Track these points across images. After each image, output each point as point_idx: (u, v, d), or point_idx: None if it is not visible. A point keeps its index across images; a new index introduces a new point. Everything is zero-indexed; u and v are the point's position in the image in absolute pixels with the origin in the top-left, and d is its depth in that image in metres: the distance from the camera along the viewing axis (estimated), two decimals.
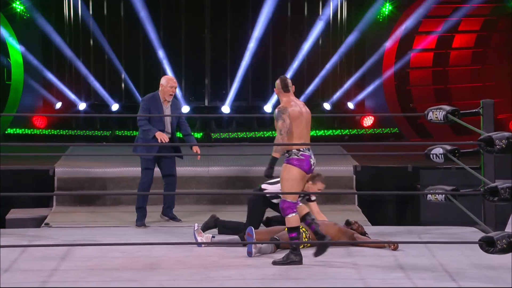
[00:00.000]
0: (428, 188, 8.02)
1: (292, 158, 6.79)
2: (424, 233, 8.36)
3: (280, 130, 6.76)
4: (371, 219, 9.69)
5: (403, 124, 15.23)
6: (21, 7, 14.62)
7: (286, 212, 6.83)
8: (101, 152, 11.83)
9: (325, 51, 15.20)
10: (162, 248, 7.41)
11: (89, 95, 15.09)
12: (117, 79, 15.10)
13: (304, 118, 6.83)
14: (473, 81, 15.68)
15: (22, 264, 6.79)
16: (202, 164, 10.84)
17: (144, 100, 8.98)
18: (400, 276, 6.47)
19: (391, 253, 7.32)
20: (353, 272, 6.59)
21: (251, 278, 6.41)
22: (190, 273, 6.54)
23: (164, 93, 8.87)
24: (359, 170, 11.00)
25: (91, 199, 10.43)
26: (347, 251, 7.38)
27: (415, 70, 15.59)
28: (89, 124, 14.94)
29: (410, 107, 15.42)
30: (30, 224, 9.63)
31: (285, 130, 6.74)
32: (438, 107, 7.70)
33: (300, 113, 6.83)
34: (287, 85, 6.90)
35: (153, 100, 8.90)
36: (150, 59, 15.05)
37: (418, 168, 10.70)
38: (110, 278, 6.38)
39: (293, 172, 6.77)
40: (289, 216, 6.82)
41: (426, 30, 15.44)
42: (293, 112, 6.79)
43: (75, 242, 7.88)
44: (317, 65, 15.23)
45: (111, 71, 15.06)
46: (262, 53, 15.13)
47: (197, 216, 9.46)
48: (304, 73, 15.26)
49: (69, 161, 11.22)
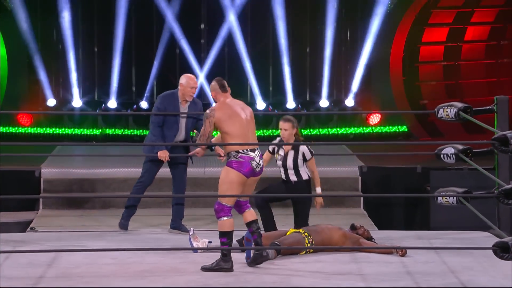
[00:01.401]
0: (438, 190, 8.03)
1: (231, 160, 6.94)
2: (434, 238, 8.36)
3: (200, 136, 7.01)
4: (377, 223, 9.70)
5: (412, 122, 15.23)
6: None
7: (219, 214, 6.92)
8: (90, 152, 11.85)
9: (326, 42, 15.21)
10: (156, 254, 7.41)
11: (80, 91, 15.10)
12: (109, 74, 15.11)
13: (240, 118, 6.98)
14: (487, 76, 15.68)
15: (6, 271, 6.80)
16: (198, 165, 10.85)
17: (160, 97, 8.70)
18: (408, 283, 6.48)
19: (399, 259, 7.33)
20: (358, 280, 6.60)
21: (250, 285, 6.42)
22: (186, 281, 6.55)
23: (184, 94, 8.63)
24: (365, 171, 11.01)
25: (79, 202, 10.44)
26: (352, 257, 7.39)
27: (424, 64, 15.60)
28: (78, 122, 14.94)
29: (420, 104, 15.42)
30: (14, 228, 9.63)
31: (204, 138, 6.98)
32: (449, 104, 7.71)
33: (235, 113, 6.98)
34: (224, 85, 7.08)
35: (171, 99, 8.64)
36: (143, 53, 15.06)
37: (428, 168, 10.71)
38: (100, 286, 6.39)
39: (231, 176, 6.90)
40: (222, 220, 6.90)
41: (436, 22, 15.45)
42: (223, 114, 6.95)
43: (62, 247, 7.89)
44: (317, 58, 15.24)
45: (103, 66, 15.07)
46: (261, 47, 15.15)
47: (192, 220, 9.47)
48: (305, 68, 15.28)
49: (56, 161, 11.24)
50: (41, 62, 14.90)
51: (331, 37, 15.13)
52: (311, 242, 7.44)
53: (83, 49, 15.04)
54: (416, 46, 15.40)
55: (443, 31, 15.53)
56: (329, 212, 10.25)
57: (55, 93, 14.99)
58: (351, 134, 15.03)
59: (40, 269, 6.89)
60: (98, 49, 15.09)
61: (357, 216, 9.93)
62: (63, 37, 14.90)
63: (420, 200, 10.80)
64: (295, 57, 15.23)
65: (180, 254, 7.51)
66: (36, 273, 6.76)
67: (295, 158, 8.14)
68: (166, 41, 15.02)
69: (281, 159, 8.16)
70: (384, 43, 15.08)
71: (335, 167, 10.97)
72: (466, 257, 7.25)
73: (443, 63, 15.67)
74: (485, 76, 15.71)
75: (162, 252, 7.50)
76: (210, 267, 6.87)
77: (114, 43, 15.00)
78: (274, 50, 15.25)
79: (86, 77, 15.06)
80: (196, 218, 9.75)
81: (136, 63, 15.17)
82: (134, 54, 15.17)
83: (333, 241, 7.54)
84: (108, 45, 15.03)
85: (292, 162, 8.15)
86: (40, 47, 14.86)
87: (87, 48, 15.05)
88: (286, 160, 8.15)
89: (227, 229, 6.90)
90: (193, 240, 7.64)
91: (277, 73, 15.20)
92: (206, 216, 9.90)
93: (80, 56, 15.03)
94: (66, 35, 14.91)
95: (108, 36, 14.96)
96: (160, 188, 10.57)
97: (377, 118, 15.11)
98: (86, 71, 15.05)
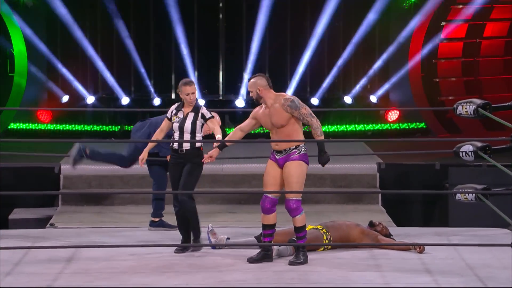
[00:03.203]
0: (457, 187, 7.99)
1: (303, 154, 6.98)
2: (453, 235, 8.33)
3: (310, 113, 6.94)
4: (396, 220, 9.67)
5: (431, 119, 15.17)
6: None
7: (299, 210, 6.93)
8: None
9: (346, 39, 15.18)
10: (174, 250, 7.42)
11: (97, 88, 15.16)
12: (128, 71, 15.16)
13: None
14: (506, 73, 15.59)
15: (26, 267, 6.83)
16: (216, 161, 10.84)
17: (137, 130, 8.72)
18: (426, 280, 6.45)
19: (417, 256, 7.31)
20: (376, 276, 6.58)
21: (268, 282, 6.41)
22: (203, 277, 6.55)
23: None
24: (383, 168, 10.97)
25: (98, 198, 10.47)
26: (370, 254, 7.37)
27: (443, 61, 15.53)
28: (97, 119, 15.00)
29: (438, 101, 15.36)
30: (34, 224, 9.68)
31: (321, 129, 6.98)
32: (468, 100, 7.66)
33: None
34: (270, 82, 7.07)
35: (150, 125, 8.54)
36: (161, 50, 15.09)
37: (446, 165, 10.66)
38: (119, 282, 6.41)
39: (304, 169, 6.95)
40: (302, 215, 6.93)
41: (455, 18, 15.37)
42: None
43: (81, 243, 7.92)
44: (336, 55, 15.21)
45: (121, 62, 15.12)
46: (278, 45, 15.14)
47: (211, 216, 9.47)
48: (323, 64, 15.25)
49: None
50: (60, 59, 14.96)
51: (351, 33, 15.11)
52: (329, 238, 7.43)
53: (101, 46, 15.08)
54: (435, 43, 15.33)
55: (462, 27, 15.45)
56: (347, 209, 10.24)
57: (71, 90, 15.04)
58: (369, 130, 14.99)
59: (59, 265, 6.91)
60: (116, 46, 15.12)
61: (375, 213, 9.91)
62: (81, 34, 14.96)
63: (439, 197, 10.76)
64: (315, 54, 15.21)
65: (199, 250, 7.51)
66: (55, 269, 6.78)
67: (194, 120, 7.38)
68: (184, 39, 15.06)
69: (179, 121, 7.39)
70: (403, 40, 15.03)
71: (353, 163, 10.95)
72: (485, 253, 7.22)
73: (462, 59, 15.59)
74: (504, 72, 15.63)
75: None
76: (299, 261, 6.87)
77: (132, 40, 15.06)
78: (292, 47, 15.24)
79: (103, 74, 15.10)
80: (214, 215, 9.76)
81: (154, 60, 15.20)
82: (152, 51, 15.21)
83: (351, 238, 7.53)
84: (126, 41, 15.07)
85: (191, 125, 7.39)
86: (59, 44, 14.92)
87: (104, 44, 15.09)
88: (184, 122, 7.38)
89: (304, 222, 6.96)
90: (211, 237, 7.64)
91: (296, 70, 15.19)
92: (224, 212, 9.91)
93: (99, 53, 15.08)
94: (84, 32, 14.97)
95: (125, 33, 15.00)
96: None
97: (396, 114, 15.07)
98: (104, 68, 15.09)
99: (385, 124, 15.05)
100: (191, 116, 7.35)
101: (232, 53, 15.30)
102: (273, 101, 6.99)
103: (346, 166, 10.92)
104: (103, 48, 15.13)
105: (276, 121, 6.95)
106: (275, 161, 7.02)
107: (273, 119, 6.96)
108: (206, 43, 15.21)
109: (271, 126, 7.01)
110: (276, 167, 7.01)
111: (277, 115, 6.94)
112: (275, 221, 7.04)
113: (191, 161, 7.31)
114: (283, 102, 6.94)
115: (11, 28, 14.68)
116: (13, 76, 14.86)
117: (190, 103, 7.36)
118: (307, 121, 6.95)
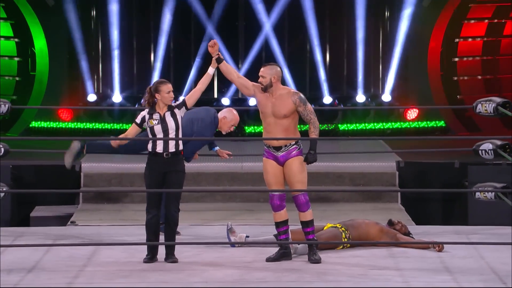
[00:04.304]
0: (476, 186, 7.96)
1: (301, 149, 6.95)
2: (472, 234, 8.29)
3: (313, 112, 6.90)
4: (415, 218, 9.63)
5: (450, 117, 15.10)
6: None
7: (308, 205, 6.92)
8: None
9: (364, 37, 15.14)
10: (193, 248, 7.43)
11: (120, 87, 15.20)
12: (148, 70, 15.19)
13: None
14: None
15: (47, 265, 6.86)
16: (236, 159, 10.86)
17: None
18: (446, 279, 6.42)
19: (436, 254, 7.27)
20: (395, 274, 6.55)
21: (288, 280, 6.40)
22: (223, 275, 6.55)
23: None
24: (402, 166, 10.94)
25: (118, 196, 10.50)
26: (389, 252, 7.35)
27: (463, 59, 15.45)
28: (118, 117, 15.03)
29: (458, 99, 15.29)
30: (55, 222, 9.72)
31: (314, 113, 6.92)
32: (487, 99, 7.63)
33: None
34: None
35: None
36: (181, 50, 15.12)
37: (465, 164, 10.60)
38: (138, 279, 6.42)
39: (304, 163, 6.92)
40: (310, 209, 6.93)
41: (475, 16, 15.29)
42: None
43: (102, 241, 7.94)
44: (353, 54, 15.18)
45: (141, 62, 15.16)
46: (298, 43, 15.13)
47: (229, 214, 9.47)
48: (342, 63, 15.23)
49: (95, 156, 11.29)
50: (82, 58, 15.01)
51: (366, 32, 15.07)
52: (348, 237, 7.41)
53: (123, 45, 15.12)
54: (454, 41, 15.26)
55: (482, 25, 15.37)
56: (367, 207, 10.21)
57: (95, 88, 15.10)
58: (388, 129, 14.94)
59: (80, 262, 6.94)
60: (137, 45, 15.16)
61: (395, 211, 9.87)
62: (103, 33, 15.01)
63: (458, 196, 10.70)
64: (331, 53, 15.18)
65: (217, 248, 7.52)
66: (76, 266, 6.81)
67: (175, 117, 6.97)
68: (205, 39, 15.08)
69: (159, 123, 6.96)
70: (422, 37, 14.97)
71: (372, 162, 10.92)
72: (504, 252, 7.17)
73: (481, 57, 15.51)
74: None
75: (200, 246, 7.52)
76: (317, 258, 6.88)
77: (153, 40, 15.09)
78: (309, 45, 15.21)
79: (125, 72, 15.14)
80: (233, 213, 9.76)
81: (174, 60, 15.23)
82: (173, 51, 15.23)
83: (370, 236, 7.50)
84: (148, 41, 15.11)
85: (174, 122, 6.96)
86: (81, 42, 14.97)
87: (126, 44, 15.14)
88: (166, 122, 6.95)
89: (312, 216, 6.96)
90: (231, 235, 7.64)
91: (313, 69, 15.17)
92: (243, 210, 9.91)
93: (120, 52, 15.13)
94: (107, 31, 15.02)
95: (147, 33, 15.04)
96: (198, 182, 10.60)
97: (415, 113, 15.01)
98: (126, 66, 15.14)
99: (404, 123, 14.99)
100: (168, 114, 6.98)
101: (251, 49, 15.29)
102: (280, 92, 6.94)
103: (365, 164, 10.89)
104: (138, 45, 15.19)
105: (279, 110, 6.86)
106: (274, 158, 6.95)
107: (277, 107, 6.87)
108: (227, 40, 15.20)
109: (269, 114, 6.88)
110: (275, 165, 6.95)
111: (282, 104, 6.86)
112: (287, 216, 7.01)
113: (175, 168, 6.97)
114: (292, 93, 6.91)
115: (33, 26, 14.74)
116: (34, 74, 14.93)
117: (169, 101, 6.98)
118: (309, 118, 6.88)
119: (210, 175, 9.58)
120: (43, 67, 14.85)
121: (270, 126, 6.90)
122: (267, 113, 6.90)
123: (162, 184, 7.02)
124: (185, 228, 8.78)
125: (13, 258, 7.00)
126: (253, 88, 6.95)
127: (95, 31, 15.08)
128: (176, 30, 15.21)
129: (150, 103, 7.00)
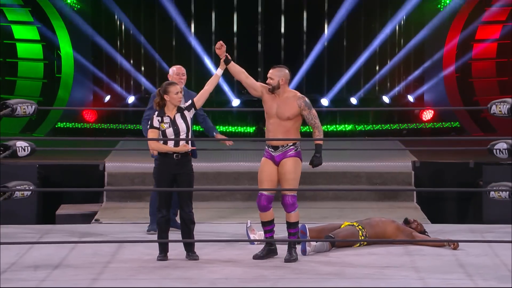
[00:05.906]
0: (491, 185, 7.92)
1: (299, 151, 6.94)
2: (487, 232, 8.25)
3: (317, 116, 6.91)
4: (430, 217, 9.60)
5: (465, 118, 15.05)
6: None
7: (295, 206, 6.93)
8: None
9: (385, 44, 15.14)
10: (214, 245, 7.45)
11: (138, 88, 15.25)
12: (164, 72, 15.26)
13: None
14: None
15: (72, 261, 6.90)
16: (255, 159, 10.85)
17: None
18: (461, 276, 6.41)
19: (451, 252, 7.25)
20: (411, 272, 6.54)
21: (306, 277, 6.41)
22: (243, 272, 6.56)
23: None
24: (418, 166, 10.91)
25: (141, 194, 10.53)
26: (405, 250, 7.33)
27: (478, 61, 15.38)
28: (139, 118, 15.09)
29: (473, 100, 15.23)
30: (80, 220, 9.76)
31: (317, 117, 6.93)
32: (502, 100, 7.58)
33: None
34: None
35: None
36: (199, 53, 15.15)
37: (480, 163, 10.56)
38: (161, 276, 6.45)
39: (299, 166, 6.94)
40: (296, 211, 6.94)
41: (490, 20, 15.22)
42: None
43: (125, 238, 7.97)
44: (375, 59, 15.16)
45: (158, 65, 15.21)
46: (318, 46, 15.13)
47: (249, 213, 9.48)
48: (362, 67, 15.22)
49: (119, 156, 11.35)
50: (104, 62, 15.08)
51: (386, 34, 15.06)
52: (365, 235, 7.41)
53: (144, 48, 15.18)
54: (470, 44, 15.20)
55: (497, 28, 15.30)
56: (383, 205, 10.19)
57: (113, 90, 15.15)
58: (404, 129, 14.90)
59: (104, 259, 6.97)
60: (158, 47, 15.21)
61: (410, 210, 9.85)
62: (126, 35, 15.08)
63: (473, 195, 10.66)
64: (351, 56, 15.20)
65: (237, 246, 7.53)
66: (100, 263, 6.84)
67: (184, 118, 6.99)
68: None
69: (170, 125, 6.98)
70: (437, 40, 14.94)
71: (388, 161, 10.90)
72: None
73: (496, 60, 15.43)
74: None
75: (220, 244, 7.54)
76: (293, 258, 6.85)
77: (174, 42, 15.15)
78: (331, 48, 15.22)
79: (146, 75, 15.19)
80: (253, 211, 9.76)
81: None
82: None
83: (386, 234, 7.49)
84: (169, 43, 15.16)
85: (185, 123, 6.98)
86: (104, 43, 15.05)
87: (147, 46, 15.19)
88: (177, 124, 6.97)
89: (298, 218, 6.97)
90: (250, 232, 7.66)
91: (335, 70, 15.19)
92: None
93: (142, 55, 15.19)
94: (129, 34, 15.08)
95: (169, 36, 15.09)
96: (218, 181, 10.61)
97: (430, 114, 14.96)
98: (146, 69, 15.19)
99: (420, 123, 14.95)
100: (178, 116, 6.99)
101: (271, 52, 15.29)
102: (287, 95, 6.94)
103: (382, 164, 10.88)
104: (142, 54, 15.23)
105: (283, 112, 6.86)
106: (271, 158, 6.96)
107: (281, 109, 6.87)
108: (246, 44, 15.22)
109: (273, 114, 6.89)
110: (272, 164, 6.96)
111: (287, 106, 6.87)
112: (273, 216, 7.04)
113: (185, 169, 7.00)
114: (298, 97, 6.92)
115: (58, 30, 14.82)
116: (60, 77, 15.00)
117: (178, 102, 6.99)
118: (313, 123, 6.89)
119: (230, 175, 9.57)
120: (69, 69, 14.92)
121: (272, 126, 6.93)
122: (272, 114, 6.92)
123: (172, 184, 7.06)
124: (206, 226, 8.80)
125: (40, 255, 7.05)
126: (261, 89, 6.97)
127: (119, 32, 15.15)
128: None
129: (160, 105, 7.03)
